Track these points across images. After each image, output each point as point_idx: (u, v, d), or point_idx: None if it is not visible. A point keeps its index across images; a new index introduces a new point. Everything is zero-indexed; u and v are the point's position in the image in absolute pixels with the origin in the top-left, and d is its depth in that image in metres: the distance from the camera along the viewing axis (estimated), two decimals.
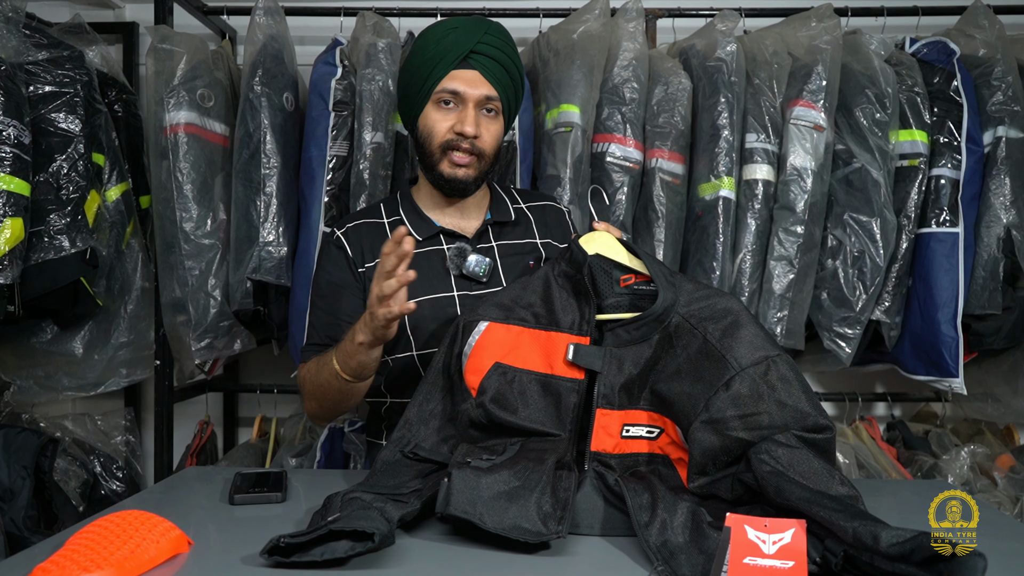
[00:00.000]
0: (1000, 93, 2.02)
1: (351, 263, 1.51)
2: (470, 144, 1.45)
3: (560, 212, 1.65)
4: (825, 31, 2.02)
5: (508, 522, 0.96)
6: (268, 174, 2.01)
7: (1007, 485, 2.08)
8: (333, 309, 1.50)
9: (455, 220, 1.55)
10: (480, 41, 1.43)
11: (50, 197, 1.87)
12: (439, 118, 1.45)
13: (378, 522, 0.93)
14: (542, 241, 1.57)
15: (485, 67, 1.44)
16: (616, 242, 1.27)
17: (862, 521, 0.87)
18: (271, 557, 0.92)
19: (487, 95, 1.45)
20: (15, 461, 1.88)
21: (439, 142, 1.46)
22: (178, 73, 2.01)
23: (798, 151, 1.98)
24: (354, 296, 1.50)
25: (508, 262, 1.51)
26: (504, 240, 1.54)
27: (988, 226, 2.01)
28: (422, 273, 1.42)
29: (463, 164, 1.46)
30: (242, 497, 1.20)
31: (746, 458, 1.03)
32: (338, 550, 0.91)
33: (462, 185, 1.48)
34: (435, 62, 1.43)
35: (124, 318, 2.20)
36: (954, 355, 1.97)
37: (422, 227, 1.52)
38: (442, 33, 1.45)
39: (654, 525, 0.98)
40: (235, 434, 2.67)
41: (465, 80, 1.44)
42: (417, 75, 1.45)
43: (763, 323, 1.99)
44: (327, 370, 1.39)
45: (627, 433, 1.16)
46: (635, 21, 2.07)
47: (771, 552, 0.87)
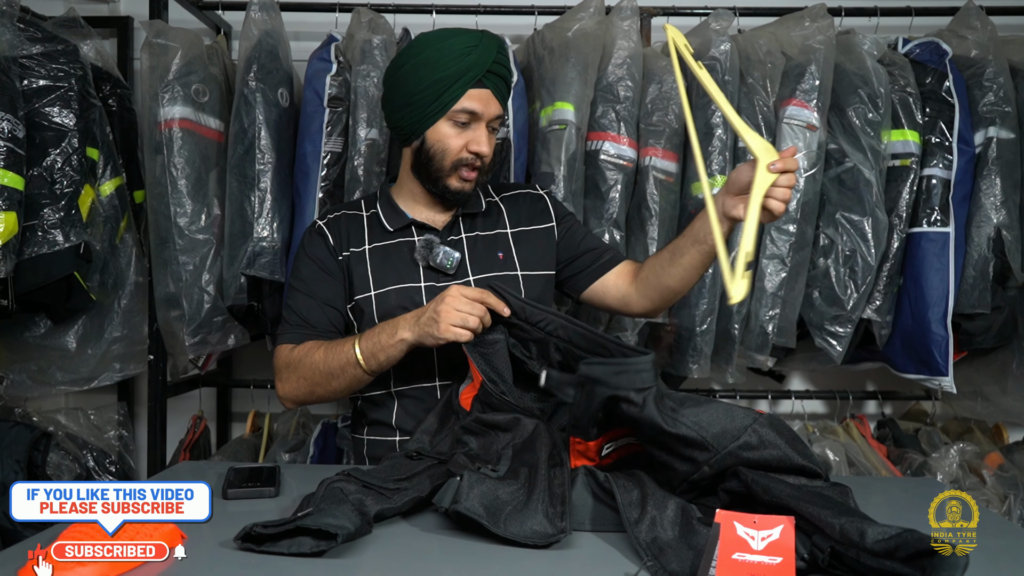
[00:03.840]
0: (991, 94, 2.03)
1: (332, 250, 1.56)
2: (480, 162, 1.50)
3: (536, 197, 1.67)
4: (818, 31, 2.03)
5: (526, 530, 0.98)
6: (263, 170, 2.01)
7: (995, 483, 2.09)
8: (312, 291, 1.54)
9: (428, 213, 1.59)
10: (495, 61, 1.47)
11: (44, 191, 1.87)
12: (453, 135, 1.48)
13: (346, 519, 0.95)
14: (513, 230, 1.60)
15: (495, 86, 1.48)
16: None
17: (849, 518, 0.88)
18: (244, 544, 0.96)
19: (498, 114, 1.50)
20: (8, 455, 1.89)
21: (452, 160, 1.49)
22: (173, 68, 2.01)
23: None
24: (334, 281, 1.54)
25: (476, 253, 1.55)
26: (474, 232, 1.58)
27: (978, 226, 2.02)
28: (389, 263, 1.51)
29: (469, 179, 1.51)
30: (235, 491, 1.21)
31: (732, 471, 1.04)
32: (304, 545, 0.94)
33: (465, 197, 1.54)
34: (454, 79, 1.44)
35: (118, 312, 2.20)
36: (944, 354, 1.98)
37: (395, 218, 1.57)
38: (462, 50, 1.44)
39: (644, 522, 0.99)
40: (228, 429, 2.67)
41: (481, 100, 1.47)
42: (431, 90, 1.45)
43: (755, 321, 2.01)
44: (342, 358, 1.41)
45: (608, 450, 1.20)
46: (629, 19, 2.08)
47: (759, 548, 0.88)
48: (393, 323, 1.38)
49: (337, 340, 1.46)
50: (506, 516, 1.00)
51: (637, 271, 1.58)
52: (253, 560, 0.94)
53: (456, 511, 1.00)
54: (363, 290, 1.52)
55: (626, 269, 1.60)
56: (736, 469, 1.03)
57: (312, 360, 1.45)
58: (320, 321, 1.53)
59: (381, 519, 1.06)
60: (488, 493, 1.03)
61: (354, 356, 1.39)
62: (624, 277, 1.59)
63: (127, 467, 2.38)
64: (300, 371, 1.48)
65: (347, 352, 1.41)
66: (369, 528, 0.99)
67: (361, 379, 1.43)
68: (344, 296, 1.55)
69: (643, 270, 1.55)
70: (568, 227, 1.65)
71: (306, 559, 0.93)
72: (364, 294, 1.52)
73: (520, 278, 1.55)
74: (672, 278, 1.48)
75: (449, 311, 1.29)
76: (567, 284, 1.64)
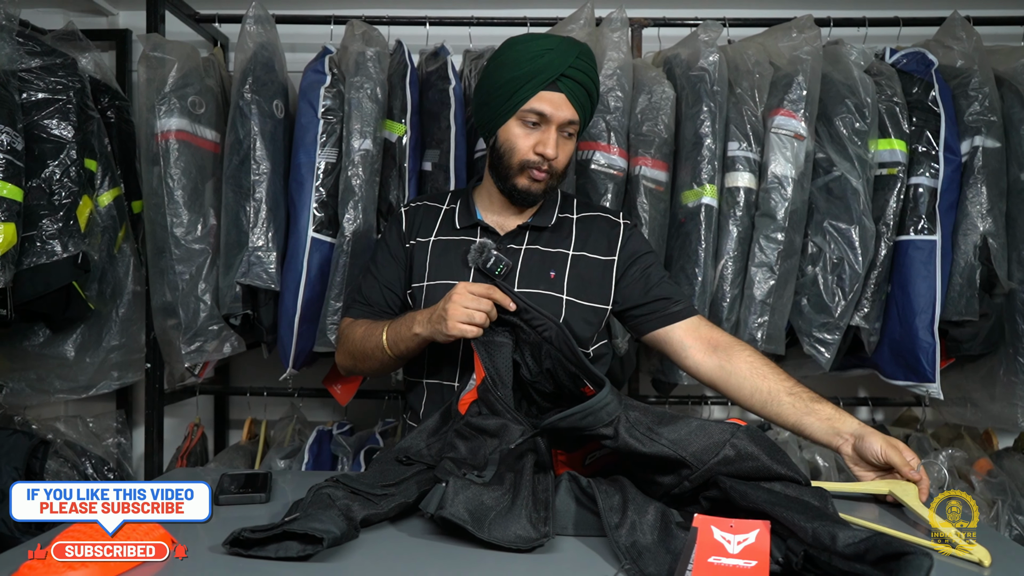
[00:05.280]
0: (977, 103, 2.06)
1: (402, 236, 1.64)
2: (548, 165, 1.51)
3: (611, 224, 1.63)
4: (806, 42, 2.06)
5: (510, 534, 1.01)
6: (258, 180, 2.04)
7: (984, 489, 2.11)
8: (377, 272, 1.64)
9: (498, 217, 1.62)
10: (571, 65, 1.47)
11: (43, 202, 1.90)
12: (521, 135, 1.50)
13: (332, 523, 0.97)
14: (575, 253, 1.58)
15: (571, 91, 1.49)
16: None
17: (822, 522, 0.91)
18: (232, 548, 0.97)
19: (570, 119, 1.50)
20: (7, 462, 1.91)
21: (520, 159, 1.52)
22: (170, 80, 2.04)
23: (779, 159, 2.01)
24: (397, 266, 1.63)
25: (530, 267, 1.55)
26: (535, 245, 1.58)
27: (965, 234, 2.04)
28: (447, 259, 1.56)
29: (539, 180, 1.53)
30: (227, 497, 1.23)
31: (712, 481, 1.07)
32: (291, 550, 0.96)
33: (532, 197, 1.56)
34: (525, 80, 1.47)
35: (115, 321, 2.23)
36: (931, 360, 2.00)
37: (465, 217, 1.62)
38: (537, 52, 1.47)
39: (624, 526, 1.01)
40: (225, 436, 2.70)
41: (552, 103, 1.48)
42: (505, 88, 1.49)
43: (744, 328, 2.03)
44: (374, 340, 1.49)
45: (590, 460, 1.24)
46: (620, 31, 2.11)
47: (735, 552, 0.90)
48: (412, 317, 1.43)
49: (379, 322, 1.53)
50: (490, 521, 1.02)
51: (710, 337, 1.52)
52: (242, 564, 0.96)
53: (442, 516, 1.02)
54: (419, 279, 1.59)
55: (694, 325, 1.54)
56: (716, 477, 1.05)
57: (354, 336, 1.56)
58: (377, 300, 1.62)
59: (368, 524, 1.08)
60: (473, 499, 1.05)
61: (382, 341, 1.47)
62: (690, 334, 1.53)
63: (125, 474, 2.41)
64: (346, 344, 1.59)
65: (378, 336, 1.48)
66: (356, 533, 1.02)
67: (388, 363, 1.51)
68: (403, 281, 1.62)
69: (748, 381, 1.46)
70: (644, 267, 1.60)
71: (293, 563, 0.95)
72: (419, 283, 1.58)
73: (564, 302, 1.53)
74: (770, 417, 1.44)
75: (456, 308, 1.31)
76: (631, 323, 1.62)
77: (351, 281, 2.01)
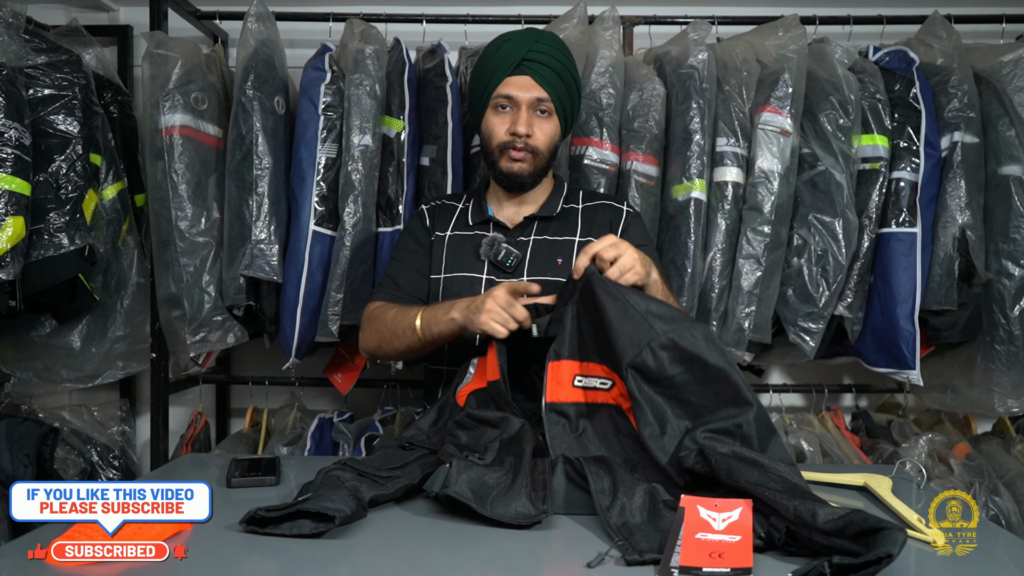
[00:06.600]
0: (956, 100, 2.12)
1: (427, 229, 1.76)
2: (523, 143, 1.62)
3: (615, 210, 1.75)
4: (792, 40, 2.12)
5: (511, 511, 1.07)
6: (260, 175, 2.09)
7: (962, 472, 2.18)
8: (406, 258, 1.74)
9: (506, 212, 1.73)
10: (531, 49, 1.61)
11: (50, 196, 1.93)
12: (497, 121, 1.64)
13: (343, 503, 1.04)
14: (581, 239, 1.69)
15: (537, 72, 1.61)
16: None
17: (802, 500, 0.98)
18: (248, 526, 1.03)
19: (538, 97, 1.62)
20: (18, 449, 1.96)
21: (497, 143, 1.65)
22: (173, 77, 2.08)
23: (765, 155, 2.08)
24: (424, 253, 1.73)
25: (538, 256, 1.66)
26: (543, 235, 1.69)
27: (944, 226, 2.10)
28: (461, 252, 1.68)
29: (519, 159, 1.63)
30: (239, 480, 1.29)
31: (699, 450, 1.13)
32: (304, 527, 1.02)
33: (519, 179, 1.66)
34: (492, 71, 1.62)
35: (120, 312, 2.27)
36: (911, 348, 2.07)
37: (478, 213, 1.75)
38: (499, 44, 1.64)
39: (615, 508, 1.07)
40: (228, 424, 2.75)
41: (518, 85, 1.61)
42: (479, 83, 1.65)
43: (732, 318, 2.09)
44: (406, 322, 1.56)
45: (579, 383, 1.30)
46: (612, 29, 2.16)
47: (720, 528, 0.96)
48: (452, 302, 1.49)
49: (412, 306, 1.59)
50: (492, 499, 1.09)
51: None
52: (257, 541, 1.02)
53: (446, 495, 1.08)
54: (436, 271, 1.69)
55: None
56: (701, 448, 1.12)
57: (385, 316, 1.62)
58: (407, 284, 1.70)
59: (375, 504, 1.14)
60: (476, 478, 1.12)
61: (414, 322, 1.53)
62: None
63: (130, 462, 2.45)
64: (375, 325, 1.64)
65: (411, 316, 1.55)
66: (364, 512, 1.08)
67: (415, 346, 1.56)
68: (429, 269, 1.71)
69: None
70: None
71: (306, 540, 1.01)
72: (436, 275, 1.69)
73: None
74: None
75: (494, 307, 1.37)
76: None
77: (351, 273, 2.06)
